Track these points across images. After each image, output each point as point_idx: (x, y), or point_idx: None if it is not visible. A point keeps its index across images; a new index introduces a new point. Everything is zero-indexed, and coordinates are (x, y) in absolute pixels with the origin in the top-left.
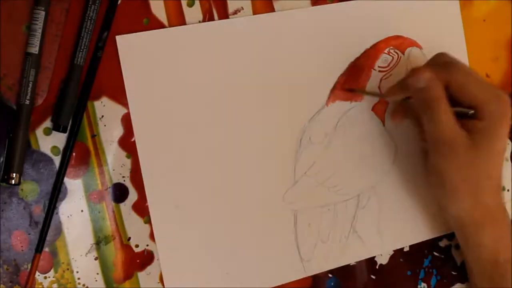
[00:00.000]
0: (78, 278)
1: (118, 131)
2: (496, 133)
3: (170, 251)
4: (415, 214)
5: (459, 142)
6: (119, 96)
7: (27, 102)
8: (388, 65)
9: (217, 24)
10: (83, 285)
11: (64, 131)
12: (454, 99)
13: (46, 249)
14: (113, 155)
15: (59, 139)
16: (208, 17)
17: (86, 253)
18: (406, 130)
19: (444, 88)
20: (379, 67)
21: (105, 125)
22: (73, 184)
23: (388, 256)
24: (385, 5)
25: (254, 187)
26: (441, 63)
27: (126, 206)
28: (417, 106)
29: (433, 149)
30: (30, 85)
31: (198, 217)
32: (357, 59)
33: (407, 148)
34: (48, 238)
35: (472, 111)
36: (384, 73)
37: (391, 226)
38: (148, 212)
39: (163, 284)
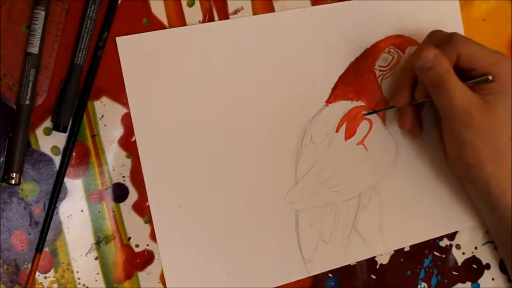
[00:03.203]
0: (78, 278)
1: (118, 131)
2: (509, 91)
3: (172, 251)
4: (417, 214)
5: (475, 106)
6: (119, 96)
7: (27, 102)
8: (389, 64)
9: (217, 24)
10: (83, 285)
11: (64, 131)
12: (461, 72)
13: (46, 249)
14: (113, 155)
15: (59, 139)
16: (208, 17)
17: (86, 253)
18: None
19: (450, 61)
20: (379, 66)
21: (105, 125)
22: (73, 184)
23: (389, 256)
24: (385, 5)
25: (255, 187)
26: (441, 38)
27: (126, 206)
28: (426, 85)
29: (450, 121)
30: (30, 85)
31: (200, 216)
32: (358, 58)
33: (408, 148)
34: (48, 238)
35: (490, 77)
36: (385, 72)
37: (393, 225)
38: (148, 212)
39: (163, 284)
